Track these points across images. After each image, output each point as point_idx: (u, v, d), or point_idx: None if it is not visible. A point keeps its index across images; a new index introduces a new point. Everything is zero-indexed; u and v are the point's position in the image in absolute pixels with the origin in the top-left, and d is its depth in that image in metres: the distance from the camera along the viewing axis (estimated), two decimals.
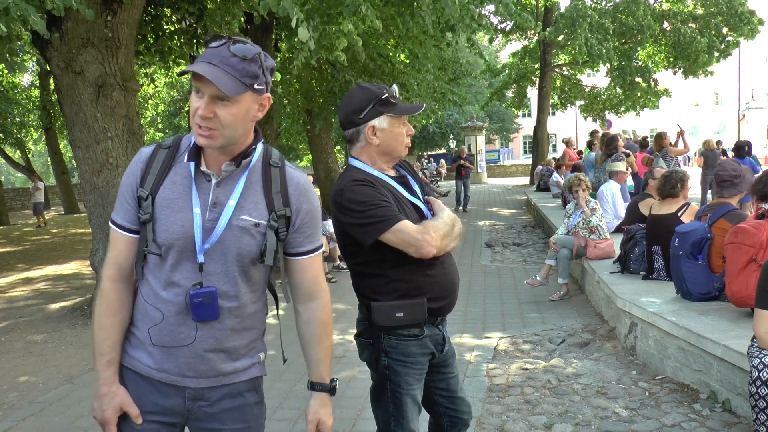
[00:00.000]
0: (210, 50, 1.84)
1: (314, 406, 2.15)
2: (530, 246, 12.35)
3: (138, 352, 1.97)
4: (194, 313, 1.90)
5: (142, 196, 1.90)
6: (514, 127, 55.00)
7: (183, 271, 1.91)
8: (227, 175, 1.93)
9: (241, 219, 1.92)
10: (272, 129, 13.99)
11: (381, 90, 2.57)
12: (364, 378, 5.11)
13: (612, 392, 4.69)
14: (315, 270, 2.14)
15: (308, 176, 9.78)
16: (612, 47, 23.41)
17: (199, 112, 1.83)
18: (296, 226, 2.02)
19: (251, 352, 2.07)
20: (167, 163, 1.94)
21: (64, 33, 7.53)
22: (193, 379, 1.96)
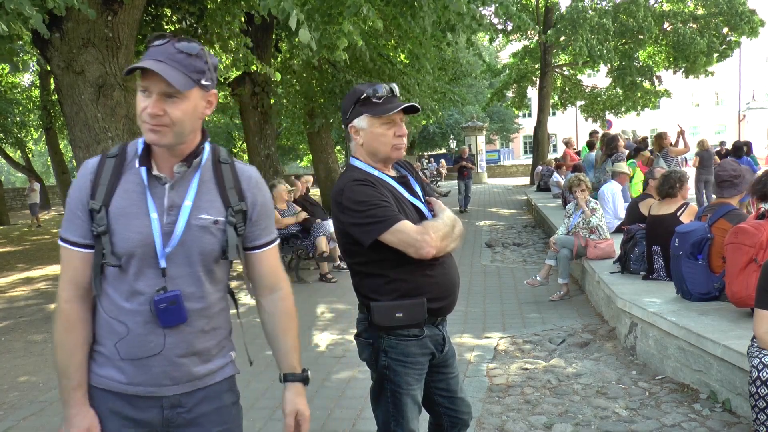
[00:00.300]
0: (155, 48, 1.83)
1: (290, 397, 2.13)
2: (530, 246, 12.35)
3: (106, 369, 1.92)
4: (161, 320, 1.86)
5: (95, 209, 1.85)
6: (515, 128, 54.97)
7: (146, 278, 1.88)
8: (180, 176, 1.92)
9: (200, 218, 1.91)
10: (272, 129, 14.00)
11: (365, 89, 2.58)
12: (364, 378, 5.12)
13: (612, 392, 4.69)
14: (273, 262, 2.15)
15: (309, 176, 9.71)
16: (612, 47, 23.42)
17: (147, 110, 1.81)
18: (253, 219, 2.03)
19: (222, 351, 2.06)
20: (116, 171, 1.90)
21: (65, 33, 7.53)
22: (169, 387, 1.93)
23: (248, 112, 13.58)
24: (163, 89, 1.81)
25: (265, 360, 5.89)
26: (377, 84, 2.60)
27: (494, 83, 36.02)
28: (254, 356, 6.02)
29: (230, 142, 47.27)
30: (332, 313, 7.69)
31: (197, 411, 1.98)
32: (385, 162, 2.66)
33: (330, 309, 7.88)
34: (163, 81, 1.79)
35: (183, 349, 1.93)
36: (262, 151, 13.58)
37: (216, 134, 43.96)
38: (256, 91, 13.26)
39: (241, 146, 46.83)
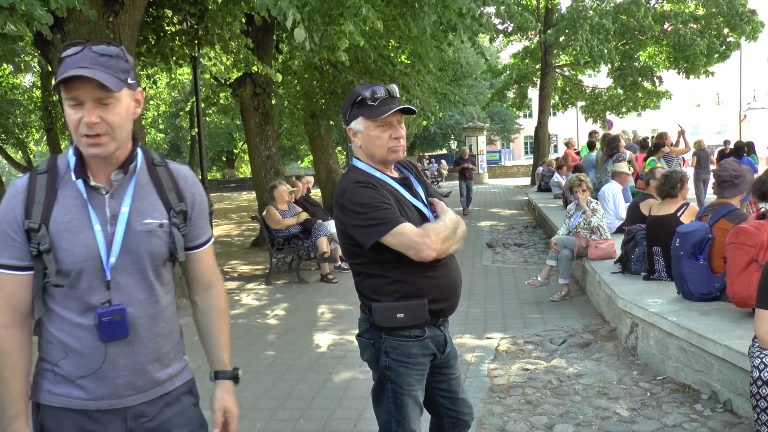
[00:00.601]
0: (73, 58, 1.78)
1: (219, 394, 2.14)
2: (531, 246, 12.35)
3: (63, 387, 1.87)
4: (102, 333, 1.83)
5: (33, 228, 1.79)
6: (515, 128, 54.96)
7: (96, 292, 1.85)
8: (118, 184, 1.89)
9: (145, 223, 1.90)
10: (273, 130, 14.00)
11: (360, 91, 2.58)
12: (365, 378, 5.12)
13: (613, 393, 4.68)
14: (210, 260, 2.16)
15: (310, 177, 9.70)
16: (613, 47, 23.42)
17: (84, 121, 1.77)
18: (192, 218, 2.03)
19: (178, 355, 2.05)
20: (51, 187, 1.84)
21: (66, 34, 7.54)
22: (132, 396, 1.91)
23: (249, 113, 13.57)
24: (96, 95, 1.77)
25: (266, 361, 5.91)
26: (376, 85, 2.60)
27: (495, 84, 36.02)
28: (253, 358, 6.06)
29: (231, 142, 47.33)
30: (333, 313, 7.69)
31: (160, 418, 1.97)
32: (384, 164, 2.66)
33: (331, 310, 7.88)
34: (94, 87, 1.76)
35: (146, 356, 1.92)
36: (263, 151, 13.57)
37: (217, 135, 44.04)
38: (257, 92, 13.26)
39: (241, 147, 46.91)
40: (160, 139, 49.21)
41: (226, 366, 2.16)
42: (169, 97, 41.32)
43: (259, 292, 9.26)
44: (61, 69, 1.78)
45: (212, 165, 50.53)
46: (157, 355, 1.95)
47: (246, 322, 7.50)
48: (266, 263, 10.79)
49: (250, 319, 7.62)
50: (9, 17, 5.68)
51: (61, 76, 1.75)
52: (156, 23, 10.66)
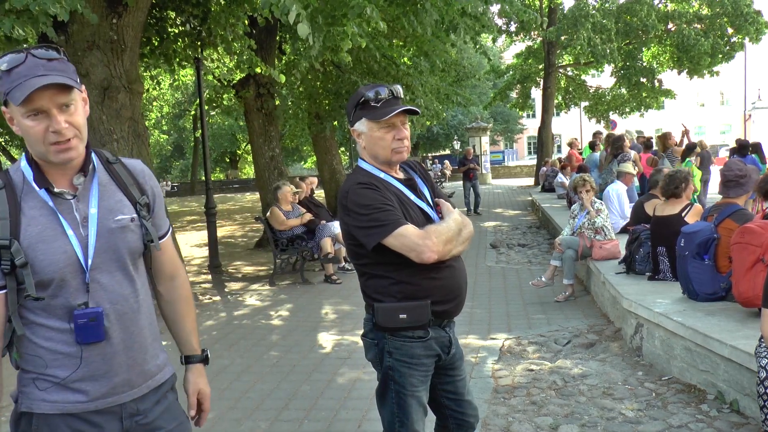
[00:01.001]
0: (21, 68, 1.74)
1: (192, 377, 2.21)
2: (535, 247, 12.33)
3: (58, 394, 1.86)
4: (77, 336, 1.82)
5: (4, 245, 1.76)
6: (519, 128, 54.97)
7: (80, 295, 1.85)
8: (82, 187, 1.89)
9: (117, 220, 1.92)
10: (276, 131, 14.01)
11: (363, 92, 2.58)
12: (369, 379, 5.12)
13: (618, 393, 4.67)
14: (172, 250, 2.20)
15: (313, 178, 9.70)
16: (616, 47, 23.38)
17: (52, 129, 1.76)
18: (154, 210, 2.07)
19: (160, 346, 2.10)
20: (13, 202, 1.81)
21: (70, 36, 7.55)
22: (128, 392, 1.94)
23: (252, 114, 13.59)
24: (59, 101, 1.76)
25: (270, 361, 5.91)
26: (380, 86, 2.59)
27: (498, 84, 36.01)
28: (257, 359, 6.06)
29: (234, 143, 47.40)
30: (337, 314, 7.68)
31: (153, 414, 2.00)
32: (389, 165, 2.66)
33: (335, 310, 7.88)
34: (55, 93, 1.74)
35: (137, 350, 1.95)
36: (266, 152, 13.58)
37: (220, 136, 44.09)
38: (261, 93, 13.27)
39: (245, 148, 46.98)
40: (163, 140, 49.37)
41: (195, 350, 2.23)
42: (172, 98, 41.43)
43: (263, 292, 9.25)
44: (9, 81, 1.74)
45: (215, 166, 50.61)
46: (146, 347, 1.98)
47: (250, 322, 7.50)
48: (270, 264, 10.79)
49: (254, 320, 7.62)
50: (17, 20, 5.70)
51: (23, 88, 1.71)
52: (159, 25, 10.68)
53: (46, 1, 5.82)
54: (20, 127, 1.79)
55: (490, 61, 18.69)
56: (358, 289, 2.72)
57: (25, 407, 1.86)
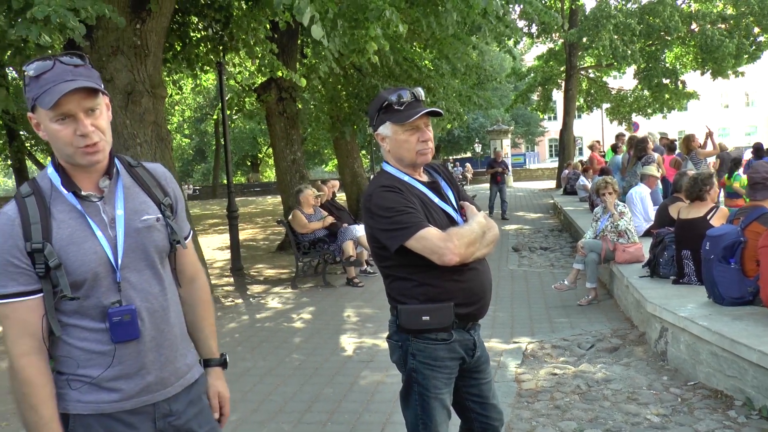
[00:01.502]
0: (50, 74, 1.79)
1: (211, 380, 2.22)
2: (557, 250, 12.26)
3: (92, 394, 1.89)
4: (113, 334, 1.87)
5: (37, 248, 1.80)
6: (540, 131, 54.73)
7: (112, 294, 1.89)
8: (108, 190, 1.94)
9: (143, 220, 1.96)
10: (298, 134, 14.07)
11: (386, 96, 2.60)
12: (392, 382, 5.12)
13: (643, 398, 4.63)
14: (193, 253, 2.24)
15: (335, 181, 9.71)
16: (638, 48, 23.18)
17: (80, 132, 1.80)
18: (177, 211, 2.11)
19: (189, 345, 2.13)
20: (43, 207, 1.85)
21: (95, 41, 7.65)
22: (161, 391, 1.97)
23: (274, 118, 13.66)
24: (86, 106, 1.81)
25: (293, 364, 5.92)
26: (401, 89, 2.61)
27: (519, 86, 35.91)
28: (280, 361, 6.06)
29: (255, 147, 47.67)
30: (359, 317, 7.69)
31: (186, 416, 2.03)
32: (413, 167, 2.67)
33: (357, 313, 7.88)
34: (83, 98, 1.79)
35: (168, 347, 1.98)
36: (288, 155, 13.64)
37: (241, 139, 44.35)
38: (283, 97, 13.33)
39: (266, 151, 47.23)
40: (185, 144, 49.75)
41: (214, 354, 2.25)
42: (194, 102, 41.74)
43: (285, 295, 9.29)
44: (38, 87, 1.79)
45: (237, 169, 50.91)
46: (176, 345, 2.02)
47: (272, 325, 7.53)
48: (292, 267, 10.83)
49: (277, 323, 7.65)
50: (44, 27, 5.79)
51: (53, 92, 1.76)
52: (182, 30, 10.78)
53: (67, 13, 5.88)
54: (47, 132, 1.83)
55: (515, 59, 18.60)
56: (380, 292, 2.74)
57: (61, 408, 1.88)
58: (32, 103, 1.81)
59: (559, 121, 33.12)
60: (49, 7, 5.72)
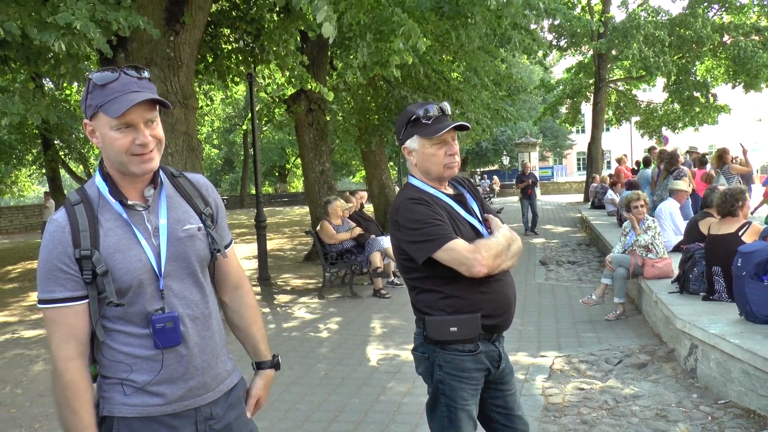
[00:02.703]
0: (116, 84, 1.86)
1: (259, 383, 2.27)
2: (585, 264, 12.18)
3: (137, 398, 1.94)
4: (157, 339, 1.92)
5: (86, 255, 1.85)
6: (568, 144, 54.45)
7: (155, 301, 1.94)
8: (152, 199, 1.99)
9: (185, 230, 2.01)
10: (327, 146, 14.17)
11: (414, 110, 2.64)
12: (419, 394, 5.13)
13: (672, 415, 4.58)
14: (236, 261, 2.29)
15: (363, 192, 9.77)
16: (669, 60, 22.93)
17: (139, 141, 1.87)
18: (218, 221, 2.16)
19: (226, 352, 2.16)
20: (91, 215, 1.91)
21: (129, 53, 7.81)
22: (202, 396, 2.02)
23: (303, 129, 13.77)
24: (147, 117, 1.88)
25: (319, 373, 5.95)
26: (428, 103, 2.66)
27: (547, 99, 35.79)
28: (307, 371, 6.07)
29: (283, 157, 48.01)
30: (386, 328, 7.71)
31: (225, 420, 2.07)
32: (440, 180, 2.71)
33: (384, 324, 7.90)
34: (145, 109, 1.87)
35: (209, 353, 2.04)
36: (316, 166, 13.74)
37: (269, 150, 44.70)
38: (312, 108, 13.45)
39: (294, 162, 47.53)
40: (214, 154, 50.27)
41: (266, 356, 2.30)
42: (223, 113, 42.19)
43: (312, 305, 9.34)
44: (103, 95, 1.86)
45: (265, 179, 51.30)
46: (217, 352, 2.08)
47: (299, 335, 7.58)
48: (319, 277, 10.88)
49: (304, 332, 7.70)
50: (64, 36, 5.91)
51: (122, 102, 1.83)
52: (214, 41, 10.93)
53: (89, 24, 6.01)
54: (104, 139, 1.90)
55: (546, 69, 18.57)
56: (406, 303, 2.76)
57: (107, 411, 1.94)
58: (94, 111, 1.88)
59: (587, 134, 32.89)
60: (72, 15, 5.85)
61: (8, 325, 9.11)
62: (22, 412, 5.46)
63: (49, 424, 5.08)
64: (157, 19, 7.68)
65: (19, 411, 5.50)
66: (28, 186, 42.70)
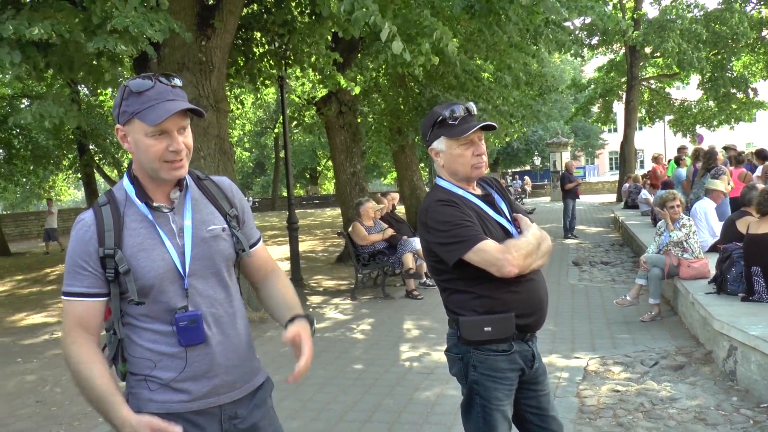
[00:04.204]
0: (152, 92, 1.90)
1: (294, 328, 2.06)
2: (618, 265, 12.03)
3: (163, 394, 1.98)
4: (180, 337, 1.96)
5: (109, 254, 1.91)
6: (600, 143, 53.86)
7: (179, 299, 1.98)
8: (178, 201, 2.04)
9: (210, 230, 2.05)
10: (358, 147, 14.20)
11: (440, 111, 2.63)
12: (452, 395, 5.11)
13: (711, 419, 4.50)
14: (264, 254, 2.32)
15: (395, 194, 9.81)
16: (704, 57, 22.52)
17: (172, 149, 1.92)
18: (244, 221, 2.21)
19: (252, 351, 2.18)
20: (116, 216, 1.97)
21: (162, 58, 7.92)
22: (228, 394, 2.05)
23: (334, 131, 13.82)
24: (180, 125, 1.94)
25: (353, 374, 5.96)
26: (454, 104, 2.65)
27: (579, 98, 35.44)
28: (340, 371, 6.10)
29: (314, 160, 48.22)
30: (419, 329, 7.70)
31: (251, 420, 2.10)
32: (468, 181, 2.70)
33: (416, 325, 7.90)
34: (179, 117, 1.93)
35: (234, 352, 2.06)
36: (348, 168, 13.78)
37: (300, 152, 44.95)
38: (343, 110, 13.49)
39: (325, 164, 47.72)
40: (245, 157, 50.67)
41: (300, 312, 2.16)
42: (254, 116, 42.51)
43: (344, 306, 9.37)
44: (140, 103, 1.90)
45: (296, 182, 51.58)
46: (242, 351, 2.10)
47: (332, 335, 7.61)
48: (351, 278, 10.91)
49: (336, 333, 7.73)
50: (119, 39, 6.07)
51: (159, 110, 1.88)
52: (245, 45, 11.01)
53: (143, 23, 6.17)
54: (137, 145, 1.94)
55: (584, 59, 18.37)
56: (439, 304, 2.75)
57: (134, 407, 1.96)
58: (129, 117, 1.92)
59: (619, 134, 32.50)
60: (127, 19, 6.01)
61: (48, 325, 9.30)
62: (62, 410, 5.58)
63: (88, 422, 5.17)
64: (188, 24, 7.78)
65: (59, 409, 5.61)
66: (65, 190, 43.50)
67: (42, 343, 8.20)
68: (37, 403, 5.87)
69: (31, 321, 9.88)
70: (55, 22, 6.27)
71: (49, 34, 6.12)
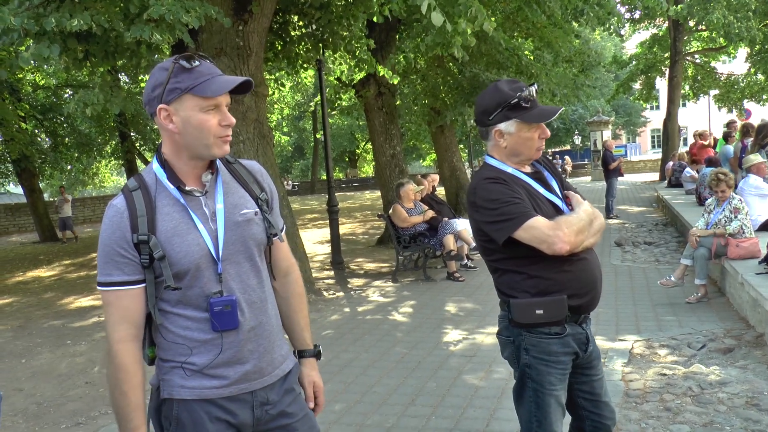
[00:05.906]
0: (203, 67, 1.91)
1: (306, 371, 2.29)
2: (662, 245, 11.80)
3: (195, 380, 1.98)
4: (215, 322, 1.95)
5: (143, 240, 1.89)
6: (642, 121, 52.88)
7: (214, 284, 1.97)
8: (209, 185, 2.02)
9: (242, 214, 2.03)
10: (397, 129, 14.15)
11: (513, 93, 2.53)
12: (497, 378, 5.09)
13: (764, 404, 4.38)
14: (286, 247, 2.31)
15: (435, 175, 9.74)
16: (753, 26, 21.76)
17: (225, 123, 1.94)
18: (272, 206, 2.19)
19: (281, 336, 2.18)
20: (148, 200, 1.94)
21: (200, 44, 7.97)
22: (259, 380, 2.04)
23: (373, 113, 13.78)
24: (227, 100, 1.96)
25: (395, 357, 5.98)
26: (520, 85, 2.57)
27: (620, 76, 34.74)
28: (382, 354, 6.12)
29: (353, 143, 48.31)
30: (461, 311, 7.66)
31: (281, 405, 2.10)
32: (526, 162, 2.66)
33: (459, 308, 7.86)
34: (226, 94, 1.94)
35: (266, 338, 2.07)
36: (387, 150, 13.75)
37: (339, 135, 45.05)
38: (382, 92, 13.44)
39: (364, 147, 47.77)
40: (284, 141, 50.99)
41: (308, 345, 2.32)
42: (293, 100, 42.67)
43: (386, 289, 9.38)
44: (193, 78, 1.89)
45: (335, 165, 51.77)
46: (273, 336, 2.10)
47: (374, 318, 7.63)
48: (392, 261, 10.90)
49: (378, 316, 7.74)
50: (156, 28, 6.12)
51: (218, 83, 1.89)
52: (282, 29, 11.01)
53: (179, 10, 6.20)
54: (189, 121, 1.91)
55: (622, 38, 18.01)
56: (481, 286, 2.73)
57: (167, 394, 1.99)
58: (179, 94, 1.89)
59: (662, 111, 31.83)
60: (163, 7, 6.05)
61: (96, 308, 9.51)
62: None
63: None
64: (226, 9, 7.79)
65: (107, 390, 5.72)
66: (108, 177, 44.27)
67: (90, 326, 8.39)
68: (87, 384, 6.02)
69: (80, 304, 10.11)
70: (95, 12, 6.34)
71: (89, 24, 6.19)
